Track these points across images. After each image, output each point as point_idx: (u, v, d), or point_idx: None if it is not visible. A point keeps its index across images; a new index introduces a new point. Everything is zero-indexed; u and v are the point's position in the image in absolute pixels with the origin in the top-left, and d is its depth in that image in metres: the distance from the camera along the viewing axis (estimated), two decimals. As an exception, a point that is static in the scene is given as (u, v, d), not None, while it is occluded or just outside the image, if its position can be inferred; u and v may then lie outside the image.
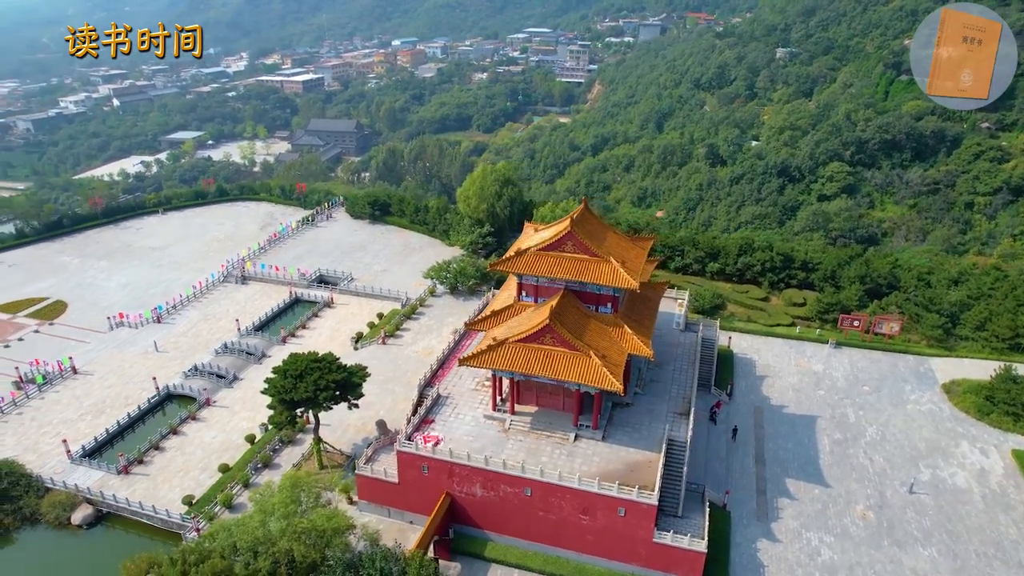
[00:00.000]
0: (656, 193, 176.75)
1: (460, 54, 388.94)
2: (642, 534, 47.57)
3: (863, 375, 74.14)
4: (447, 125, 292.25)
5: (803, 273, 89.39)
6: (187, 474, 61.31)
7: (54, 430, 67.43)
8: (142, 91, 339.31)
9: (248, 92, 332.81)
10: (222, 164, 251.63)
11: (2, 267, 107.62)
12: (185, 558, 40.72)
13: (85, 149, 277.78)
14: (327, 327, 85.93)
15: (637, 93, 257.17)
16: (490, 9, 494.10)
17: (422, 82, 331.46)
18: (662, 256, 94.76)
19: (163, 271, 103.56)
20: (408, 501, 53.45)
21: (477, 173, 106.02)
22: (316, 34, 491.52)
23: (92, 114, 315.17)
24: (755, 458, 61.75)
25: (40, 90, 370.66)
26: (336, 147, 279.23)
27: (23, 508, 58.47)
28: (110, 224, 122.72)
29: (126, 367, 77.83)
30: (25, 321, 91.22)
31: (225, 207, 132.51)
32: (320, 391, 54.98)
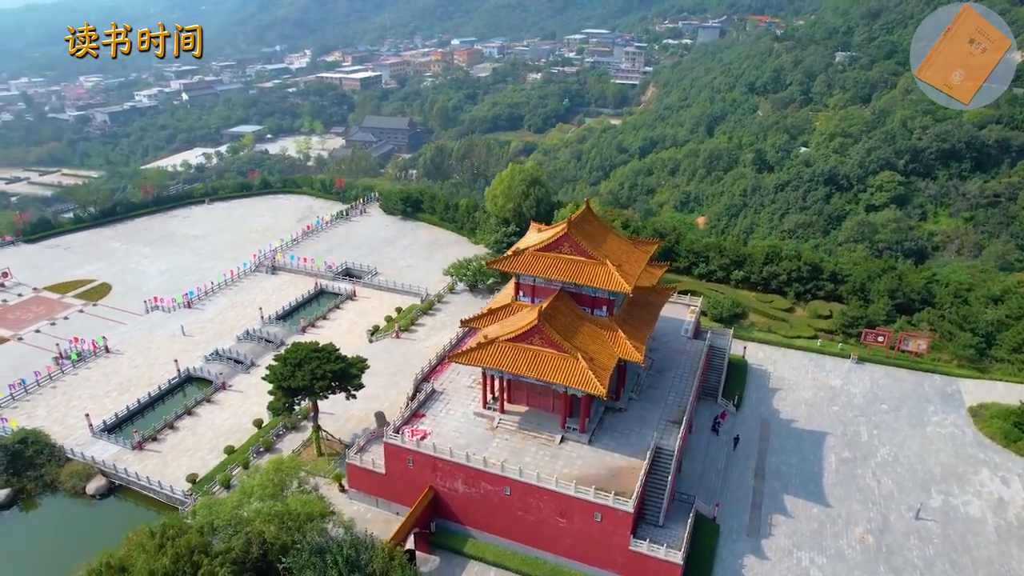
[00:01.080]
0: (699, 198, 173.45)
1: (516, 54, 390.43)
2: (618, 541, 47.08)
3: (883, 393, 71.17)
4: (498, 125, 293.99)
5: (831, 284, 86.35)
6: (195, 453, 63.92)
7: (81, 405, 71.34)
8: (209, 86, 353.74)
9: (308, 88, 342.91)
10: (278, 158, 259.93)
11: (58, 250, 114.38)
12: (164, 531, 42.59)
13: (153, 141, 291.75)
14: (347, 319, 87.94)
15: (690, 96, 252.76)
16: (550, 10, 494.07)
17: (476, 81, 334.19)
18: (686, 262, 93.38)
19: (201, 259, 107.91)
20: (394, 492, 54.38)
21: (506, 173, 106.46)
22: (378, 32, 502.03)
23: (163, 107, 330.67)
24: (755, 471, 60.15)
25: (118, 84, 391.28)
26: (388, 144, 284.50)
27: (44, 476, 62.22)
28: (159, 212, 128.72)
29: (153, 349, 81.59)
30: (72, 301, 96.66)
31: (268, 199, 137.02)
32: (317, 380, 56.48)
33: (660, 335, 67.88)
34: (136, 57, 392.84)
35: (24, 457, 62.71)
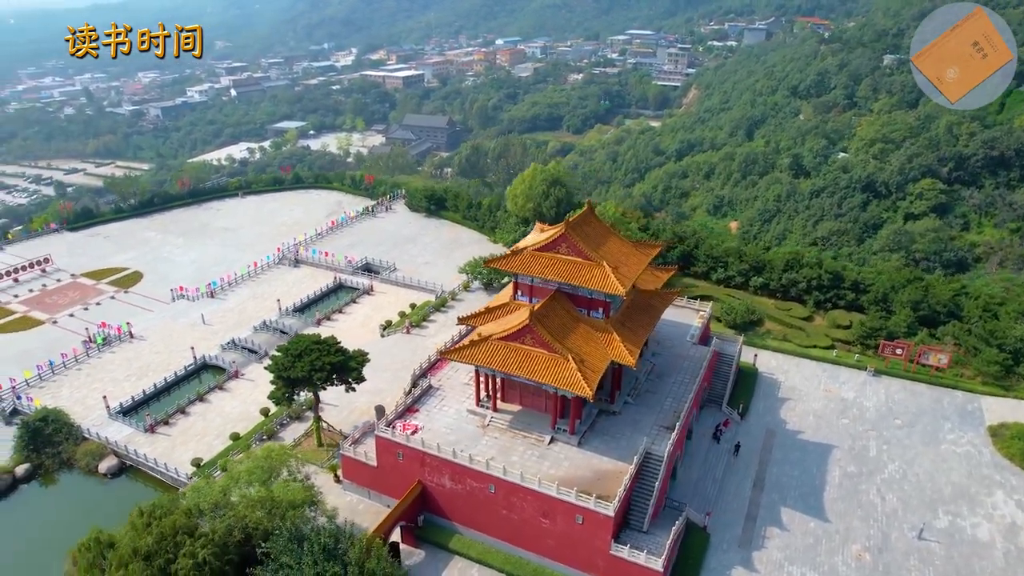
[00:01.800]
0: (733, 202, 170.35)
1: (559, 54, 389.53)
2: (599, 544, 46.77)
3: (898, 407, 68.87)
4: (537, 125, 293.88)
5: (853, 294, 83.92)
6: (203, 439, 65.87)
7: (102, 387, 74.27)
8: (257, 83, 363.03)
9: (352, 86, 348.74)
10: (319, 154, 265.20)
11: (98, 238, 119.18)
12: (153, 511, 44.14)
13: (202, 135, 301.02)
14: (361, 313, 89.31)
15: (731, 99, 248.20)
16: (596, 10, 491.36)
17: (517, 81, 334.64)
18: (705, 267, 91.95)
19: (230, 250, 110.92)
20: (385, 485, 55.08)
21: (527, 172, 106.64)
22: (424, 32, 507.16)
23: (212, 103, 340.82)
24: (754, 482, 58.93)
25: (172, 80, 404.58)
26: (427, 142, 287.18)
27: (61, 453, 65.08)
28: (195, 204, 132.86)
29: (174, 336, 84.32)
30: (105, 288, 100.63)
31: (299, 194, 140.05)
32: (315, 371, 57.59)
33: (664, 340, 67.11)
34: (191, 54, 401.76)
35: (44, 435, 65.65)
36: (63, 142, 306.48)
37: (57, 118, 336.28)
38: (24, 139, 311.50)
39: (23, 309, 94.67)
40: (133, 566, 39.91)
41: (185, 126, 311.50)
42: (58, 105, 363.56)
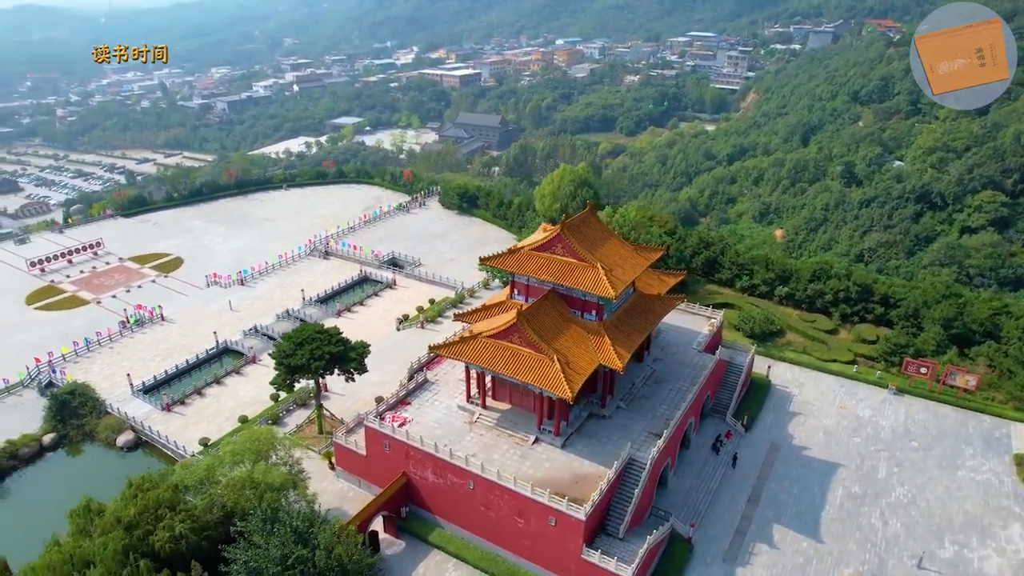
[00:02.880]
0: (780, 210, 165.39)
1: (617, 55, 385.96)
2: (571, 547, 46.42)
3: (917, 429, 65.65)
4: (590, 126, 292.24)
5: (882, 308, 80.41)
6: (214, 419, 68.51)
7: (130, 365, 78.14)
8: (319, 79, 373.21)
9: (410, 84, 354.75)
10: (372, 149, 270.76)
11: (148, 225, 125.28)
12: (141, 484, 46.29)
13: (263, 129, 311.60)
14: (381, 306, 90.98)
15: (789, 103, 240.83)
16: (659, 11, 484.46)
17: (573, 81, 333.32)
18: (729, 274, 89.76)
19: (267, 241, 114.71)
20: (374, 474, 56.09)
21: (556, 173, 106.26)
22: (485, 31, 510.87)
23: (275, 98, 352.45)
24: (749, 496, 57.26)
25: (240, 76, 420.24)
26: (479, 141, 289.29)
27: (85, 425, 68.87)
28: (240, 195, 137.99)
29: (202, 320, 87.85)
30: (148, 272, 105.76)
31: (341, 188, 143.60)
32: (314, 360, 59.10)
33: (669, 346, 65.94)
34: (263, 50, 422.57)
35: (70, 407, 69.65)
36: (137, 133, 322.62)
37: (134, 111, 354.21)
38: (103, 130, 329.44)
39: (72, 289, 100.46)
40: (114, 534, 41.94)
41: (248, 120, 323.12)
42: (136, 98, 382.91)
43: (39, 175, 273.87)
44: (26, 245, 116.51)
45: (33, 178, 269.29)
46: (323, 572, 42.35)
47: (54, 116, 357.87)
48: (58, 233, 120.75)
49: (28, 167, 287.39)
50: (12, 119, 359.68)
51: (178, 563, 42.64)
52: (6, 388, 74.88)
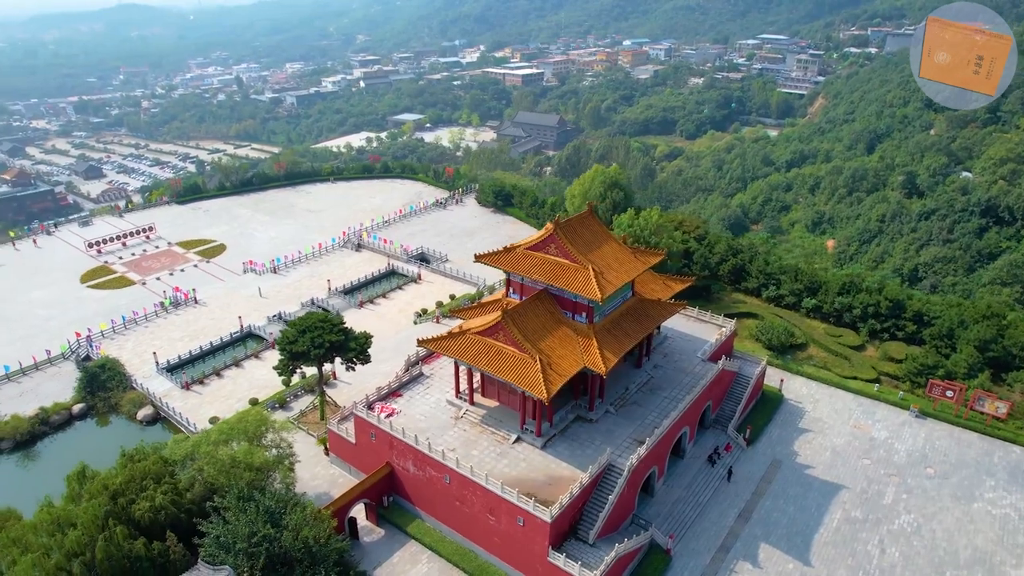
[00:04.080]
0: (833, 219, 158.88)
1: (682, 57, 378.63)
2: (537, 549, 46.16)
3: (935, 455, 62.01)
4: (649, 128, 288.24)
5: (913, 325, 76.24)
6: (227, 400, 71.25)
7: (159, 344, 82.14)
8: (386, 76, 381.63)
9: (472, 82, 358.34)
10: (431, 146, 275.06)
11: (199, 212, 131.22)
12: (133, 456, 48.83)
13: (328, 123, 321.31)
14: (403, 300, 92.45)
15: (857, 109, 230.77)
16: (731, 13, 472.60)
17: (635, 83, 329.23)
18: (756, 283, 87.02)
19: (308, 231, 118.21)
20: (361, 462, 57.23)
21: (588, 174, 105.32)
22: (553, 31, 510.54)
23: (342, 93, 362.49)
24: (740, 512, 55.47)
25: (311, 71, 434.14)
26: (536, 140, 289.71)
27: (111, 399, 72.89)
28: (288, 186, 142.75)
29: (232, 305, 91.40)
30: (192, 257, 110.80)
31: (384, 183, 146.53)
32: (315, 348, 60.71)
33: (672, 353, 64.53)
34: (336, 46, 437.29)
35: (99, 380, 73.90)
36: (212, 125, 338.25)
37: (210, 103, 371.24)
38: (181, 121, 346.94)
39: (122, 270, 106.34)
40: (99, 499, 44.39)
41: (315, 114, 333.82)
42: (213, 92, 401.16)
43: (121, 163, 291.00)
44: (88, 227, 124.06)
45: (115, 165, 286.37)
46: (288, 552, 43.64)
47: (139, 108, 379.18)
48: (118, 217, 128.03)
49: (112, 155, 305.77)
50: (103, 110, 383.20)
51: (156, 532, 44.75)
52: (48, 359, 79.96)
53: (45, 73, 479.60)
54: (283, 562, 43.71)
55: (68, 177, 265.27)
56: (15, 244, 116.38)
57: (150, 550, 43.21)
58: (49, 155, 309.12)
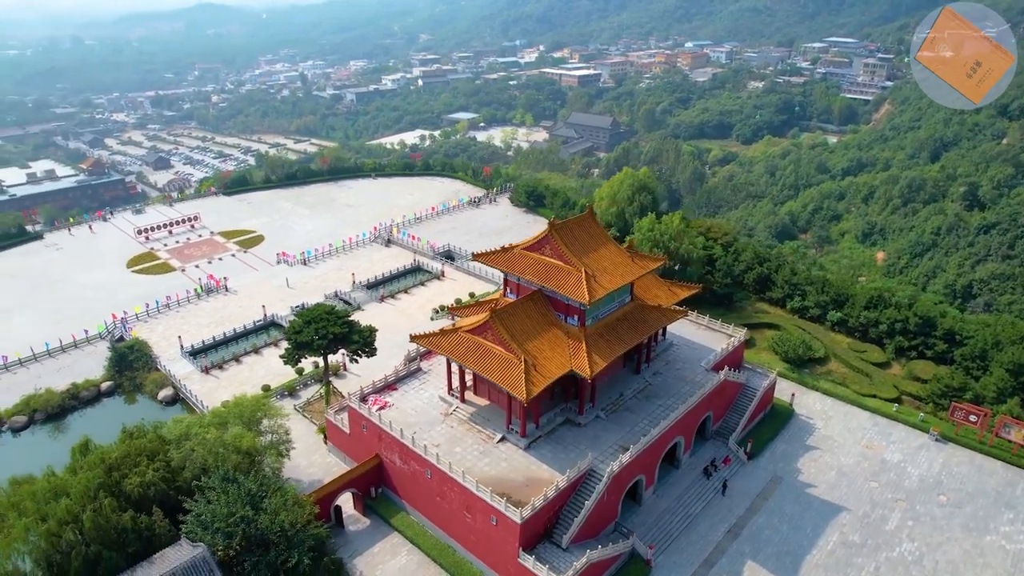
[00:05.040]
0: (885, 231, 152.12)
1: (744, 60, 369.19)
2: (508, 549, 46.13)
3: (951, 482, 58.79)
4: (704, 131, 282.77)
5: (944, 344, 72.43)
6: (242, 385, 73.65)
7: (187, 329, 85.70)
8: (444, 75, 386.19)
9: (528, 82, 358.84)
10: (482, 145, 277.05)
11: (244, 203, 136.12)
12: (133, 433, 51.23)
13: (384, 120, 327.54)
14: (424, 296, 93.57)
15: (924, 116, 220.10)
16: (798, 15, 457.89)
17: (693, 85, 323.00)
18: (781, 293, 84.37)
19: (344, 225, 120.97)
20: (355, 453, 58.40)
21: (617, 176, 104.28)
22: (614, 32, 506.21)
23: (400, 91, 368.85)
24: (731, 527, 53.96)
25: (373, 69, 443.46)
26: (588, 141, 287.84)
27: (136, 378, 76.60)
28: (330, 181, 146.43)
29: (260, 294, 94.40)
30: (231, 246, 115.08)
31: (424, 180, 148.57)
32: (318, 338, 62.29)
33: (675, 361, 63.26)
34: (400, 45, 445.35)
35: (127, 360, 77.77)
36: (274, 119, 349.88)
37: (275, 99, 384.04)
38: (246, 116, 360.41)
39: (165, 256, 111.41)
40: (94, 472, 46.78)
41: (372, 111, 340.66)
42: (279, 88, 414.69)
43: (188, 154, 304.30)
44: (141, 215, 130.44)
45: (182, 157, 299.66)
46: (265, 534, 44.94)
47: (209, 102, 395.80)
48: (168, 206, 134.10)
49: (180, 147, 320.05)
50: (176, 104, 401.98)
51: (146, 507, 46.79)
52: (86, 338, 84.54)
53: (128, 69, 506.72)
54: (259, 543, 45.03)
55: (139, 167, 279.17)
56: (70, 230, 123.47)
57: (137, 523, 45.29)
58: (125, 146, 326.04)
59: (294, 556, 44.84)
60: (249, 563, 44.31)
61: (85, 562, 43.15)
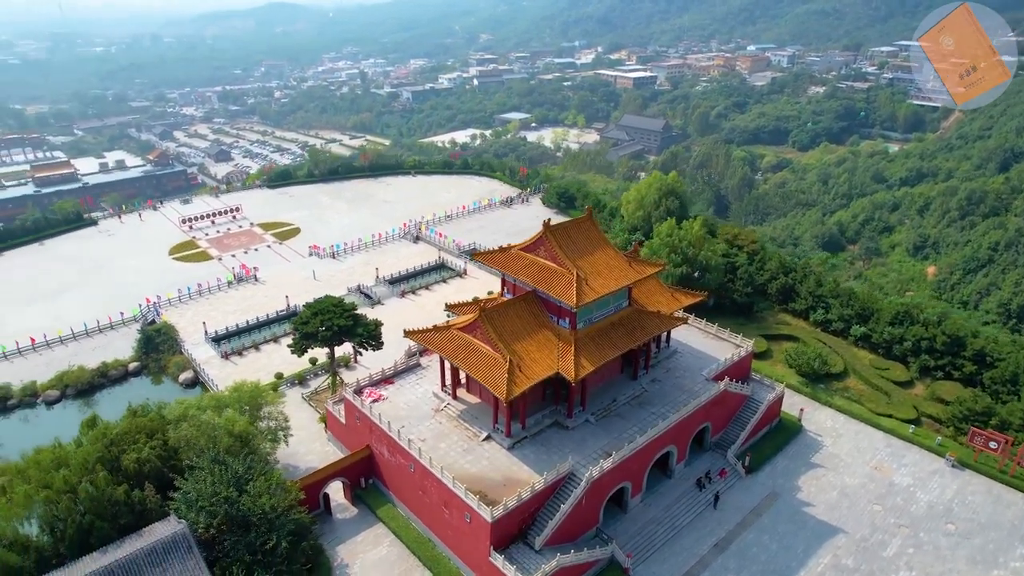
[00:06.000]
0: (938, 244, 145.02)
1: (806, 64, 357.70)
2: (481, 547, 46.33)
3: (963, 511, 55.82)
4: (759, 137, 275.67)
5: (973, 366, 68.82)
6: (258, 372, 75.95)
7: (214, 315, 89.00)
8: (500, 75, 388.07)
9: (583, 83, 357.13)
10: (532, 145, 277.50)
11: (285, 196, 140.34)
12: (137, 411, 53.70)
13: (437, 119, 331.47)
14: (444, 293, 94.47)
15: (996, 125, 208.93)
16: (869, 18, 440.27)
17: (750, 89, 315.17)
18: (805, 304, 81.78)
19: (378, 220, 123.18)
20: (349, 443, 59.65)
21: (646, 180, 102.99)
22: (675, 34, 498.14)
23: (455, 90, 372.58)
24: (718, 541, 52.72)
25: (431, 68, 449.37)
26: (638, 144, 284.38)
27: (160, 360, 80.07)
28: (370, 177, 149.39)
29: (287, 285, 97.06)
30: (268, 238, 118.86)
31: (463, 178, 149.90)
32: (323, 330, 63.87)
33: (675, 369, 62.14)
34: (460, 45, 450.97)
35: (154, 343, 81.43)
36: (332, 116, 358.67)
37: (334, 96, 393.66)
38: (306, 112, 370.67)
39: (205, 245, 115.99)
40: (94, 446, 49.31)
41: (427, 109, 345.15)
42: (339, 85, 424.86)
43: (248, 148, 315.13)
44: (188, 205, 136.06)
45: (243, 150, 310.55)
46: (246, 515, 46.41)
47: (271, 98, 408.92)
48: (214, 198, 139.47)
49: (241, 140, 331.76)
50: (241, 99, 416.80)
51: (141, 482, 49.02)
52: (122, 320, 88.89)
53: (200, 65, 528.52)
54: (240, 524, 46.52)
55: (201, 159, 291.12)
56: (121, 217, 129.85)
57: (130, 497, 47.44)
58: (191, 139, 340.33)
59: (272, 539, 46.19)
60: (229, 542, 45.84)
61: (79, 530, 45.49)
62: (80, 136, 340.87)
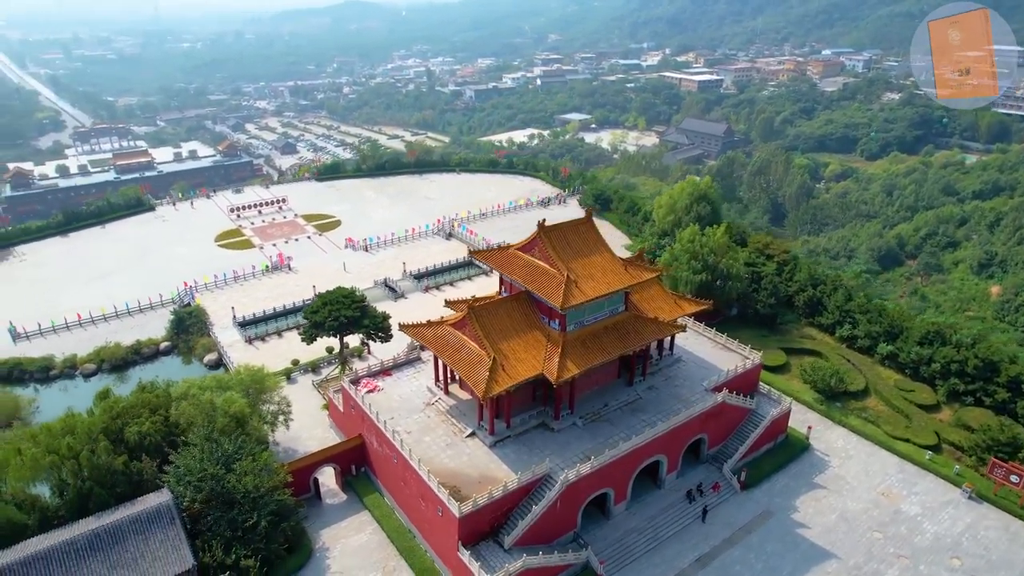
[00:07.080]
0: (1005, 263, 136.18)
1: (883, 69, 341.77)
2: (450, 541, 46.72)
3: (972, 546, 52.54)
4: (825, 144, 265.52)
5: (1007, 393, 64.54)
6: (277, 358, 78.65)
7: (244, 301, 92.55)
8: (563, 75, 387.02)
9: (646, 85, 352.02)
10: (590, 147, 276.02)
11: (331, 190, 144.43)
12: (145, 387, 56.61)
13: (498, 118, 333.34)
14: (467, 290, 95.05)
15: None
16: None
17: (819, 95, 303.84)
18: (832, 319, 78.61)
19: (417, 215, 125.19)
20: (346, 430, 61.15)
21: (679, 185, 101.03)
22: (747, 37, 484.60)
23: (518, 90, 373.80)
24: (700, 556, 51.41)
25: (496, 67, 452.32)
26: (698, 148, 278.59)
27: (189, 341, 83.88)
28: (415, 173, 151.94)
29: (318, 275, 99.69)
30: (310, 229, 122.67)
31: (506, 177, 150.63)
32: (331, 320, 65.63)
33: (675, 377, 60.82)
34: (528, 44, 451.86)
35: (185, 324, 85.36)
36: (396, 112, 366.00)
37: (399, 92, 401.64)
38: (371, 107, 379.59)
39: (249, 234, 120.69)
40: (101, 417, 52.33)
41: (488, 108, 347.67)
42: (405, 82, 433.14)
43: (313, 141, 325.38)
44: (239, 195, 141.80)
45: (308, 144, 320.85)
46: (231, 493, 48.30)
47: (340, 93, 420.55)
48: (264, 188, 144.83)
49: (308, 134, 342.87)
50: (311, 94, 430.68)
51: (140, 454, 51.74)
52: (160, 302, 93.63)
53: (276, 61, 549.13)
54: (224, 501, 48.47)
55: (268, 151, 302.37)
56: (175, 205, 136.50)
57: (128, 467, 50.17)
58: (261, 131, 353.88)
59: (253, 517, 47.92)
60: (212, 518, 47.87)
61: (79, 494, 48.45)
62: (162, 127, 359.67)
